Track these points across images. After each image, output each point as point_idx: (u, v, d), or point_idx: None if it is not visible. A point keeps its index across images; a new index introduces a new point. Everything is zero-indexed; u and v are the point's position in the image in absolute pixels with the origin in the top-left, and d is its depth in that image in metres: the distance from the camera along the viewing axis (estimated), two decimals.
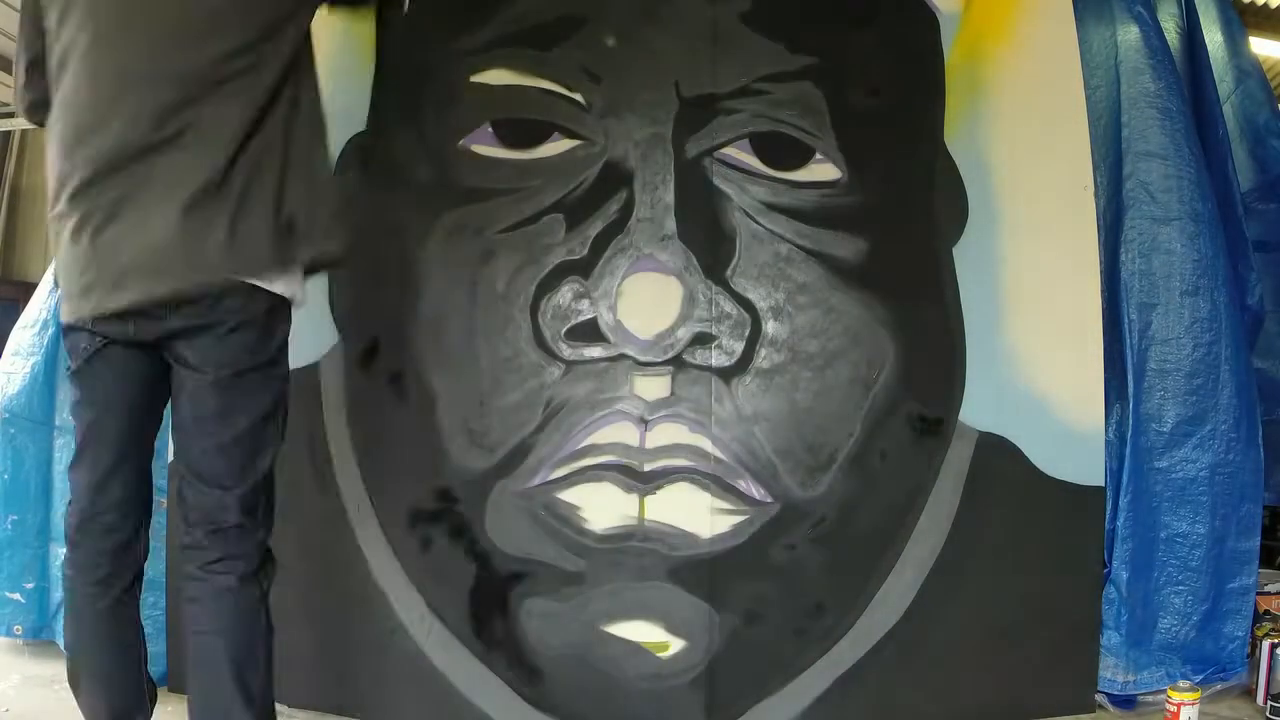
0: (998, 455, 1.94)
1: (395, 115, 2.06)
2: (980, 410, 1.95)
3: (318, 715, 1.93)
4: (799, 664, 1.90)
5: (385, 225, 2.03)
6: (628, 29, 2.00)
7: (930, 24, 2.05)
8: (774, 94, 1.97)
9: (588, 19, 2.00)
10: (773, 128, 1.96)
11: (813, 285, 1.94)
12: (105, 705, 1.49)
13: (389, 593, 1.93)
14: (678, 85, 1.97)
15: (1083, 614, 1.98)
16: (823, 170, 1.96)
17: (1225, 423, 2.01)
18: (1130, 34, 2.14)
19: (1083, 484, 1.96)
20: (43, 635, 2.17)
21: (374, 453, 1.97)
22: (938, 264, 1.98)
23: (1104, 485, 1.98)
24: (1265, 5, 3.51)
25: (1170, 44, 2.17)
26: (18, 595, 2.16)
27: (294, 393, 1.99)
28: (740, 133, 1.96)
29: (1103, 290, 2.03)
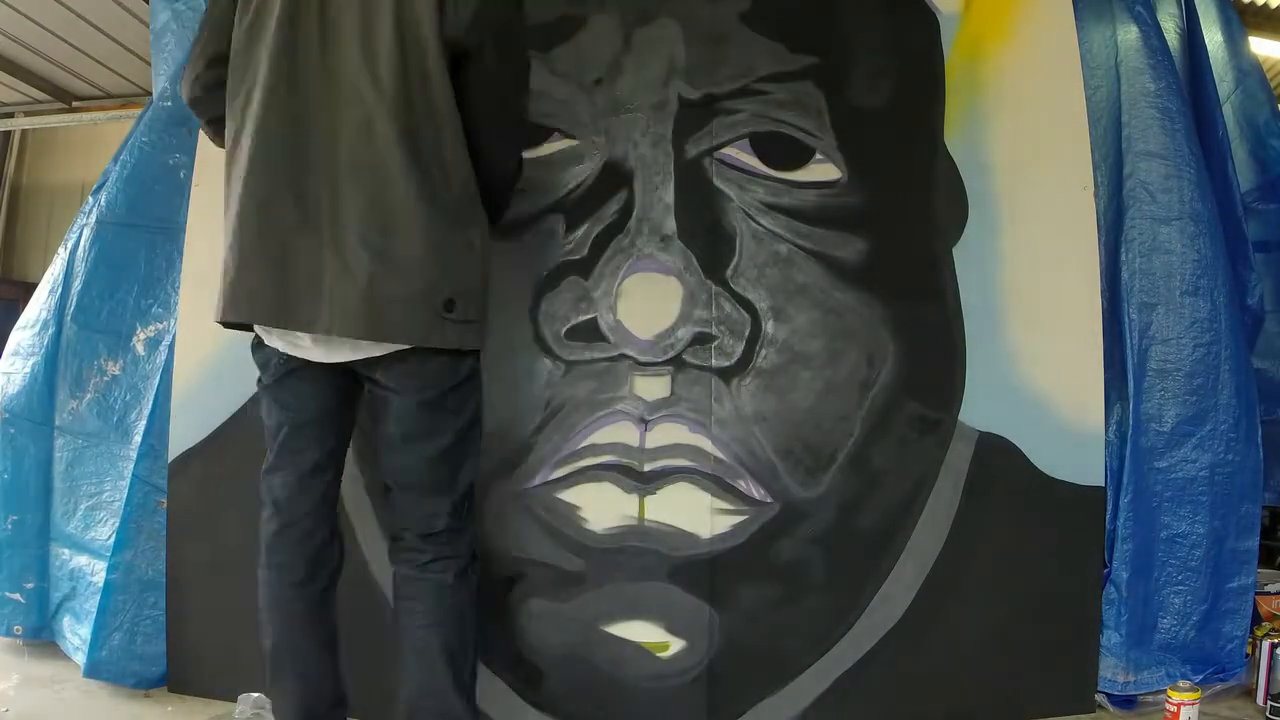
0: (998, 455, 1.94)
1: None
2: (980, 410, 1.95)
3: None
4: (799, 664, 1.90)
5: None
6: (628, 29, 2.00)
7: (930, 24, 2.05)
8: (774, 94, 1.97)
9: (588, 19, 2.01)
10: (773, 128, 1.97)
11: (813, 285, 1.94)
12: (301, 704, 1.53)
13: (388, 592, 1.93)
14: (678, 85, 1.97)
15: (1083, 614, 1.97)
16: (823, 170, 1.96)
17: (1225, 423, 2.00)
18: (1130, 34, 2.14)
19: (1083, 484, 1.96)
20: (43, 635, 2.17)
21: (374, 453, 1.96)
22: (938, 264, 1.98)
23: (1104, 485, 1.98)
24: (1265, 5, 3.51)
25: (1170, 44, 2.17)
26: (18, 595, 2.16)
27: None
28: (740, 133, 1.96)
29: (1103, 290, 2.03)
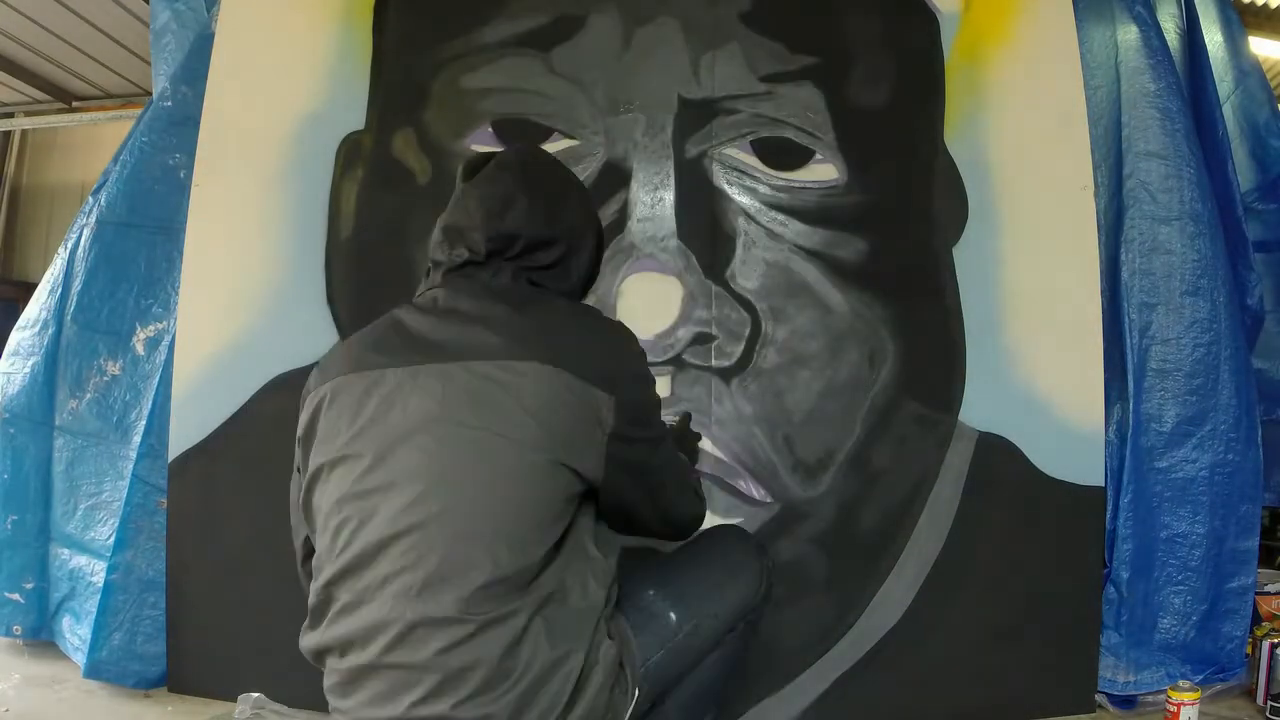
0: (998, 455, 1.94)
1: (395, 115, 2.06)
2: (980, 410, 1.95)
3: (318, 715, 1.92)
4: (799, 664, 1.90)
5: (385, 225, 2.03)
6: (628, 29, 2.00)
7: (930, 24, 2.05)
8: (774, 94, 1.97)
9: (588, 19, 2.01)
10: (773, 128, 1.97)
11: (813, 285, 1.94)
12: None
13: None
14: (678, 85, 1.97)
15: (1083, 614, 1.97)
16: (823, 170, 1.96)
17: (1225, 423, 2.01)
18: (1130, 34, 2.14)
19: (1083, 484, 1.96)
20: (42, 635, 2.17)
21: None
22: (938, 264, 1.98)
23: (1104, 485, 1.98)
24: (1265, 5, 3.51)
25: (1170, 44, 2.17)
26: (17, 595, 2.15)
27: (295, 392, 2.01)
28: (740, 133, 1.96)
29: (1103, 290, 2.03)
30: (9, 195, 5.70)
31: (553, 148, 1.97)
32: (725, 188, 1.96)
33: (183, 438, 2.04)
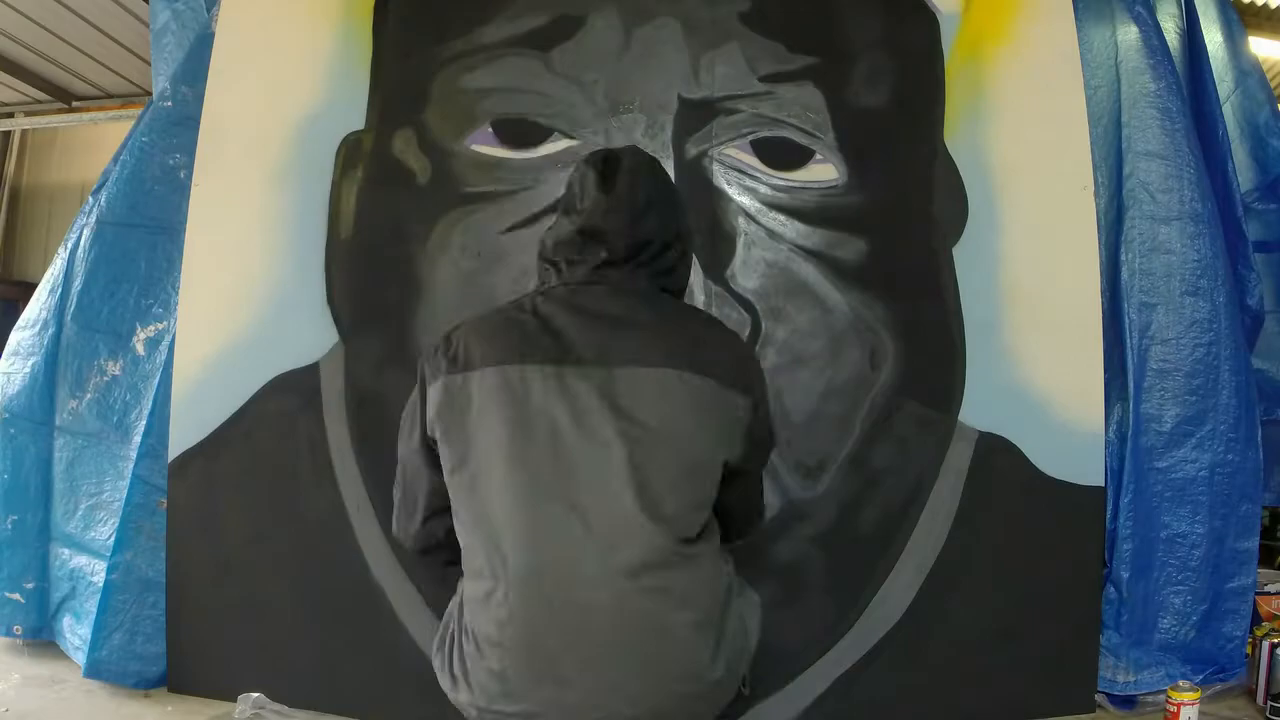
0: (998, 455, 1.94)
1: (395, 114, 2.06)
2: (980, 410, 1.95)
3: (318, 715, 1.92)
4: (799, 664, 1.90)
5: (385, 225, 2.03)
6: (628, 29, 2.00)
7: (930, 24, 2.05)
8: (774, 94, 1.97)
9: (588, 19, 2.01)
10: (773, 128, 1.97)
11: (813, 285, 1.94)
12: None
13: (388, 592, 1.93)
14: (678, 85, 1.97)
15: (1083, 614, 1.97)
16: (823, 171, 1.96)
17: (1225, 423, 2.01)
18: (1130, 34, 2.14)
19: (1083, 484, 1.96)
20: (43, 635, 2.17)
21: (374, 453, 1.96)
22: (938, 264, 1.98)
23: (1104, 485, 1.98)
24: (1265, 5, 3.51)
25: (1170, 44, 2.17)
26: (17, 595, 2.15)
27: (295, 392, 2.01)
28: (740, 133, 1.96)
29: (1103, 290, 2.03)
30: (9, 195, 5.70)
31: (553, 148, 1.97)
32: (725, 188, 1.96)
33: (183, 438, 2.04)
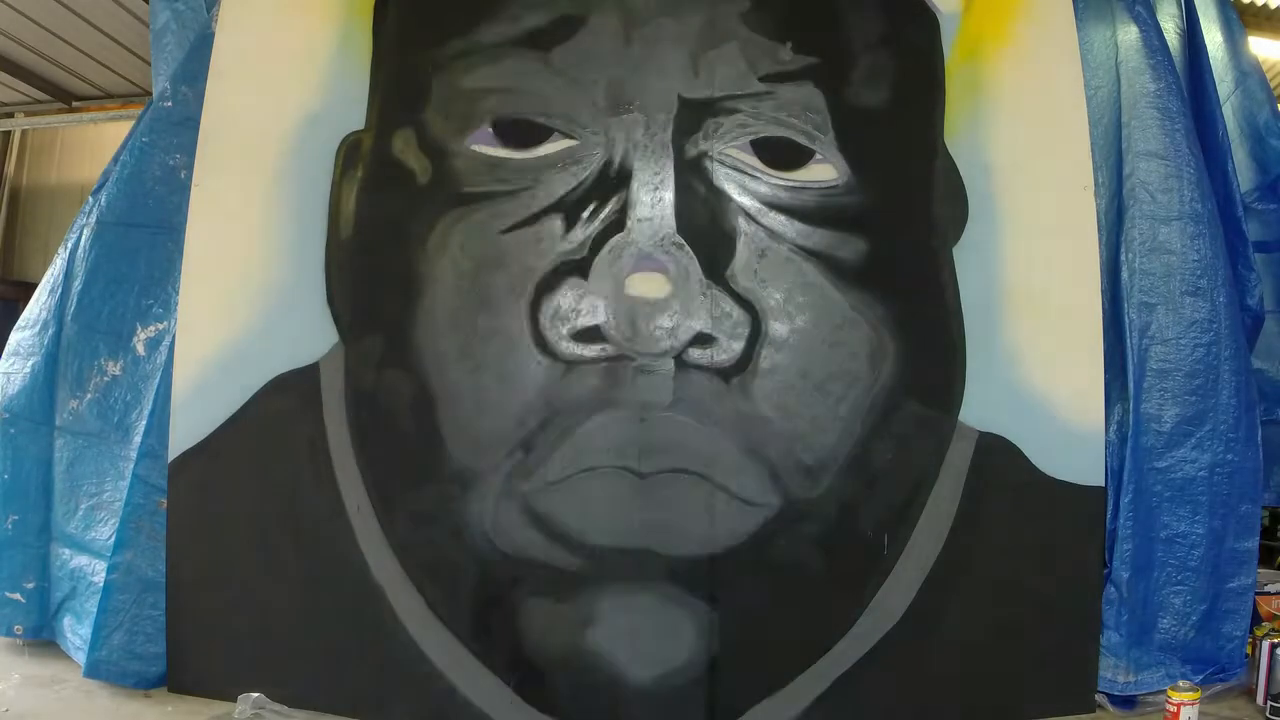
0: (998, 455, 1.94)
1: (395, 114, 2.06)
2: (980, 410, 1.95)
3: (317, 715, 1.93)
4: (799, 664, 1.90)
5: (385, 225, 2.03)
6: (628, 29, 2.00)
7: (930, 24, 2.05)
8: (774, 94, 1.97)
9: (588, 19, 2.01)
10: (773, 128, 1.96)
11: (813, 285, 1.94)
12: None
13: (388, 592, 1.93)
14: (678, 85, 1.97)
15: (1083, 614, 1.98)
16: (823, 171, 1.96)
17: (1224, 423, 2.01)
18: (1130, 34, 2.14)
19: (1083, 484, 1.96)
20: (43, 635, 2.17)
21: (374, 453, 1.97)
22: (938, 264, 1.98)
23: (1104, 485, 1.98)
24: (1265, 5, 3.50)
25: (1170, 44, 2.17)
26: (18, 595, 2.15)
27: (295, 392, 2.01)
28: (740, 133, 1.96)
29: (1103, 290, 2.03)
30: (9, 195, 5.70)
31: (553, 148, 1.97)
32: (725, 188, 1.95)
33: (183, 438, 2.04)
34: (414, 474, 1.94)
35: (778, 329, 1.93)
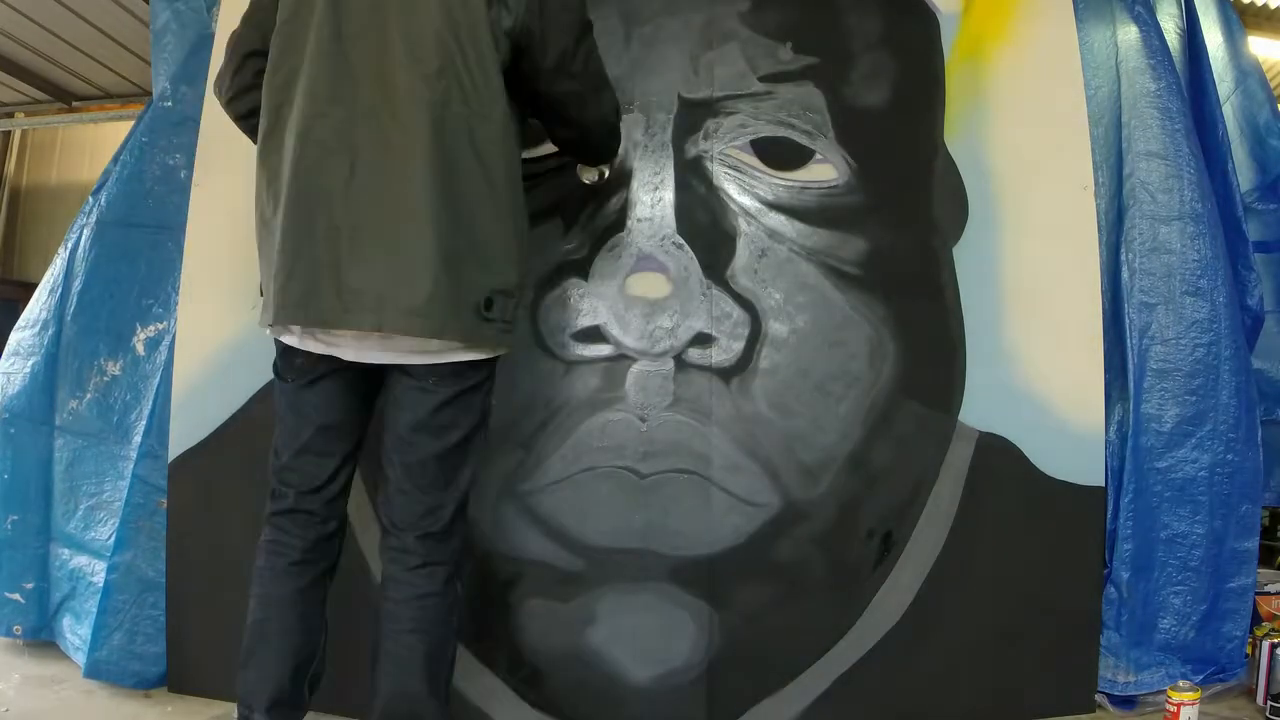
0: (998, 455, 1.94)
1: None
2: (980, 410, 1.95)
3: (317, 715, 1.92)
4: (799, 664, 1.90)
5: None
6: (627, 29, 2.00)
7: (930, 24, 2.05)
8: (774, 94, 1.97)
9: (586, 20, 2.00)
10: (773, 128, 1.97)
11: (813, 285, 1.94)
12: (267, 681, 1.51)
13: None
14: (678, 85, 1.97)
15: (1083, 614, 1.98)
16: (823, 170, 1.96)
17: (1225, 423, 2.01)
18: (1130, 34, 2.14)
19: (1083, 484, 1.96)
20: (42, 635, 2.17)
21: (373, 453, 1.96)
22: (938, 264, 1.98)
23: (1104, 485, 1.98)
24: (1265, 5, 3.51)
25: (1170, 44, 2.17)
26: (17, 595, 2.16)
27: None
28: (740, 133, 1.96)
29: (1103, 290, 2.03)
30: (9, 195, 5.71)
31: (552, 147, 1.97)
32: (725, 188, 1.96)
33: (183, 438, 2.04)
34: None
35: (778, 329, 1.93)
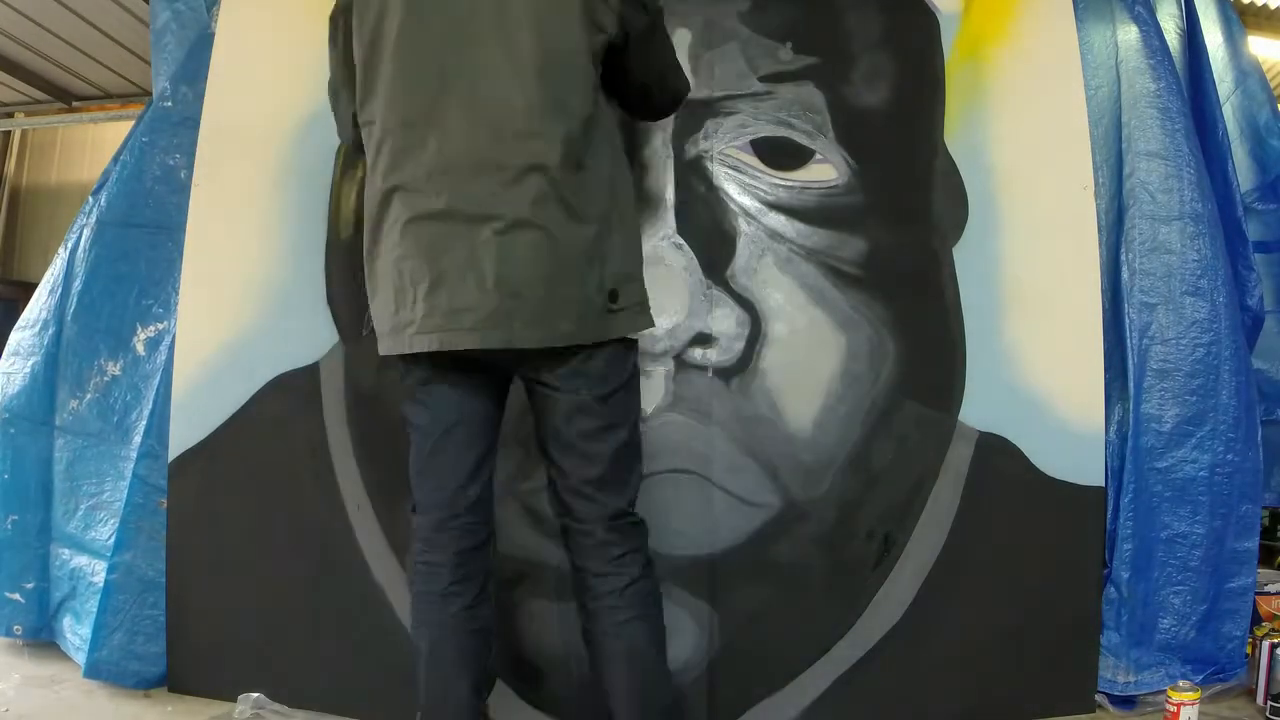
0: (998, 455, 1.94)
1: None
2: (980, 410, 1.95)
3: (317, 715, 1.93)
4: (799, 664, 1.90)
5: None
6: None
7: (930, 24, 2.05)
8: (774, 94, 1.98)
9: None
10: (773, 128, 1.97)
11: (813, 285, 1.94)
12: (451, 713, 1.49)
13: (388, 592, 1.94)
14: None
15: (1083, 614, 1.98)
16: (823, 170, 1.96)
17: (1225, 423, 2.01)
18: (1130, 34, 2.14)
19: (1083, 484, 1.96)
20: (43, 635, 2.17)
21: (374, 453, 1.97)
22: (938, 264, 1.98)
23: (1104, 485, 1.98)
24: (1265, 5, 3.51)
25: (1170, 44, 2.17)
26: (17, 595, 2.16)
27: (295, 392, 2.01)
28: (740, 133, 1.96)
29: (1103, 290, 2.03)
30: (9, 195, 5.71)
31: None
32: (725, 188, 1.96)
33: (183, 438, 2.04)
34: None
35: (778, 329, 1.93)
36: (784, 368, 1.92)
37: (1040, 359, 1.96)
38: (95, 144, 5.42)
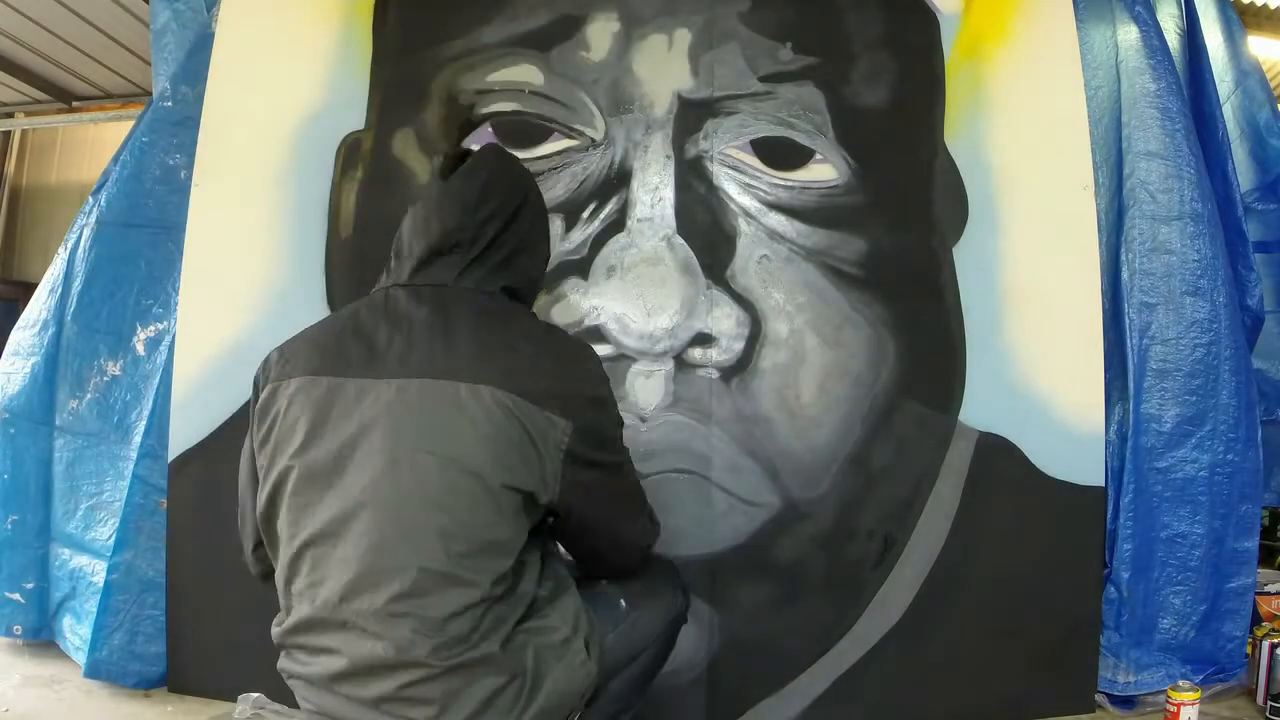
0: (998, 455, 1.94)
1: (395, 115, 2.06)
2: (980, 410, 1.95)
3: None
4: (799, 664, 1.90)
5: (385, 225, 2.02)
6: (628, 29, 2.00)
7: (930, 24, 2.05)
8: (774, 94, 1.98)
9: (588, 19, 2.01)
10: (773, 128, 1.97)
11: (813, 285, 1.94)
12: None
13: None
14: (678, 85, 1.97)
15: (1083, 614, 1.97)
16: (823, 170, 1.96)
17: (1225, 423, 2.01)
18: (1130, 34, 2.14)
19: (1083, 484, 1.96)
20: (42, 635, 2.17)
21: None
22: (938, 264, 1.98)
23: (1104, 485, 1.98)
24: (1265, 5, 3.50)
25: (1170, 44, 2.17)
26: (17, 595, 2.16)
27: None
28: (740, 133, 1.96)
29: (1103, 290, 2.03)
30: (9, 195, 5.70)
31: (552, 147, 1.98)
32: (725, 188, 1.96)
33: (183, 438, 2.04)
34: None
35: (778, 329, 1.93)
36: (784, 368, 1.92)
37: (1040, 359, 1.96)
38: (95, 144, 5.41)
